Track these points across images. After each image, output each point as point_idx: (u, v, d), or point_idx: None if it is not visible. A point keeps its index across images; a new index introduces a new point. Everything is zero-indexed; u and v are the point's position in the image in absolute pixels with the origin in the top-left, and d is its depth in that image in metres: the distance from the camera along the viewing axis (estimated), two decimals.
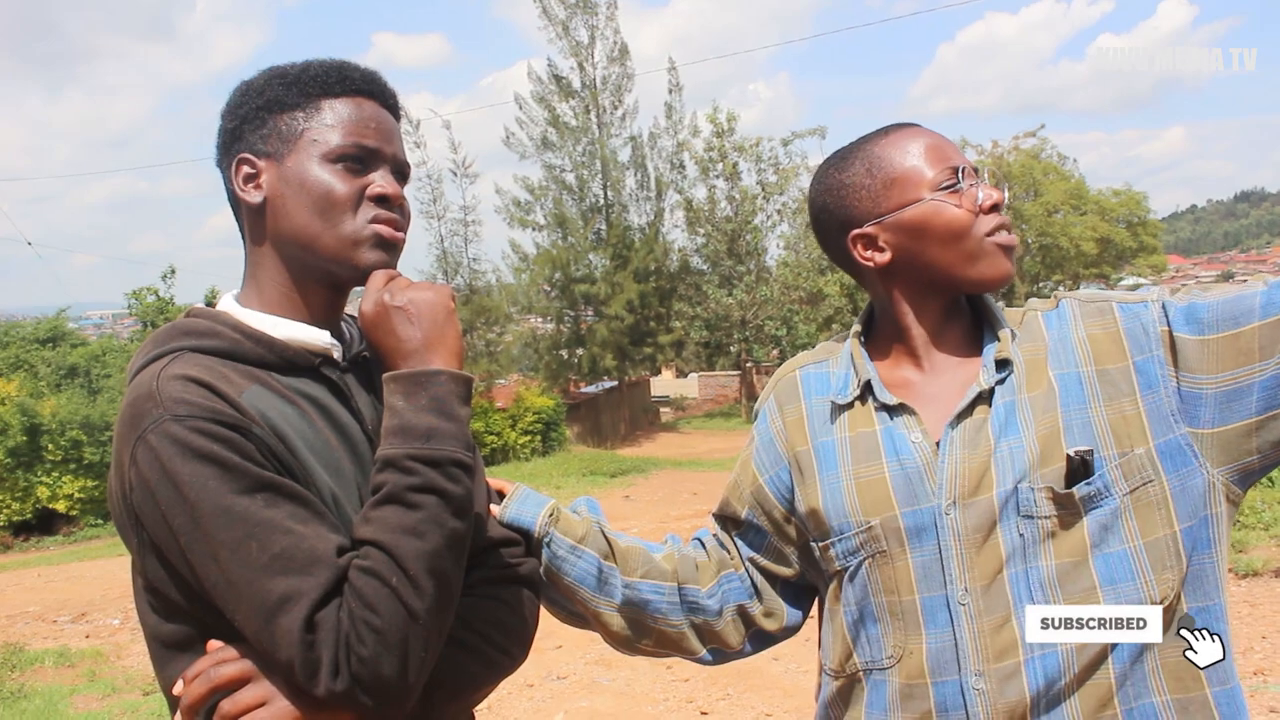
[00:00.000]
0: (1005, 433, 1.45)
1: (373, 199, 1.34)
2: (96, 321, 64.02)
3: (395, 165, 1.38)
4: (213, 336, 1.29)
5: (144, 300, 24.96)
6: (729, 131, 31.30)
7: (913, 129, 1.57)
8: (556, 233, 28.54)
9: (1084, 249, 31.84)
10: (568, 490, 15.13)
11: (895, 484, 1.51)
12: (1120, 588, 1.40)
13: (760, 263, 32.35)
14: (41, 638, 8.21)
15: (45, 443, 18.46)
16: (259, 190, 1.35)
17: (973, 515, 1.45)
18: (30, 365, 23.35)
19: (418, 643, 1.16)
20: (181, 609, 1.23)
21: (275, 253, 1.37)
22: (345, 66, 1.38)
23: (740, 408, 32.46)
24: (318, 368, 1.35)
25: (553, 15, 27.97)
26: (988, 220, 1.51)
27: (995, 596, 1.43)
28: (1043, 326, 1.53)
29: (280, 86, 1.35)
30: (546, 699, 5.74)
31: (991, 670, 1.43)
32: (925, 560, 1.48)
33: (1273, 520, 8.66)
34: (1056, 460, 1.42)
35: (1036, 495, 1.42)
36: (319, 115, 1.34)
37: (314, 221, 1.32)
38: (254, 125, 1.35)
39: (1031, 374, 1.48)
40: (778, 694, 5.58)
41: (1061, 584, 1.41)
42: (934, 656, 1.47)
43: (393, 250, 1.37)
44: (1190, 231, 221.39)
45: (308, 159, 1.33)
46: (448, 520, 1.21)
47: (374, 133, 1.36)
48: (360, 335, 1.46)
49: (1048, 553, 1.42)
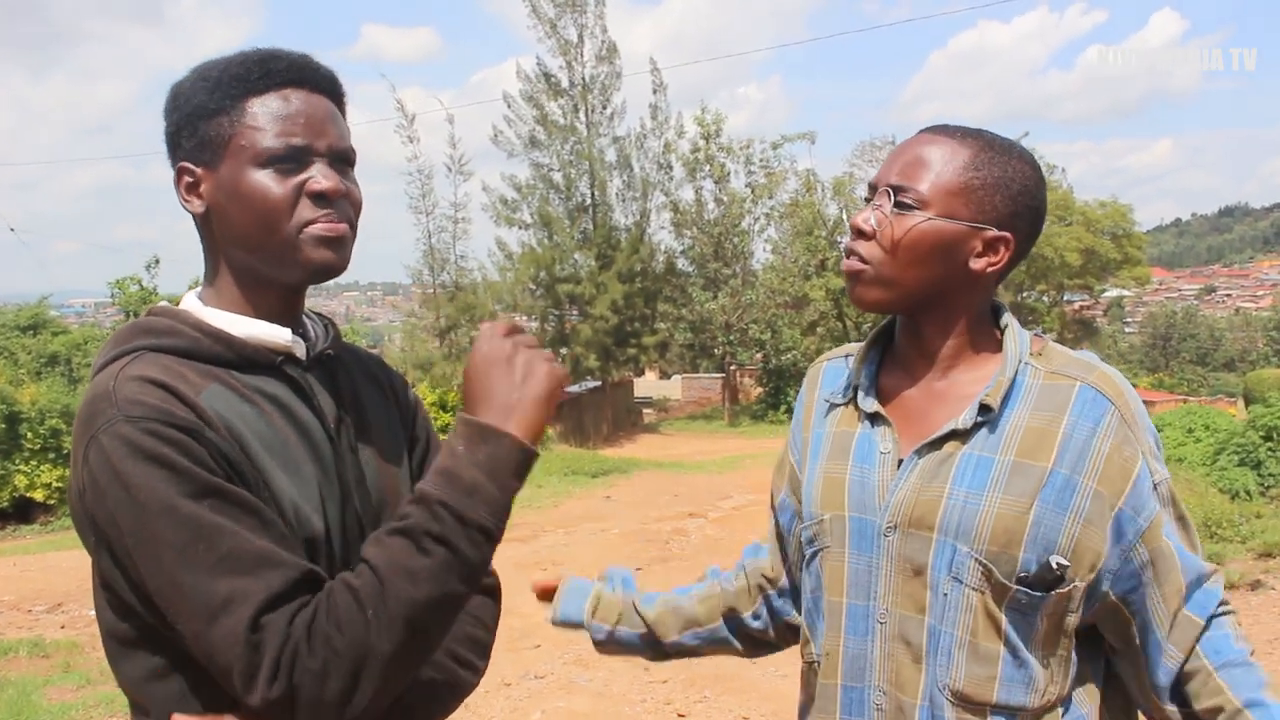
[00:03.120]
0: (969, 482, 1.43)
1: (310, 196, 1.28)
2: (79, 310, 63.53)
3: (334, 154, 1.32)
4: (172, 335, 1.28)
5: (127, 290, 24.77)
6: (715, 134, 31.32)
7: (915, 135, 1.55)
8: (542, 232, 28.52)
9: (1069, 260, 32.02)
10: (549, 489, 15.11)
11: (852, 486, 1.53)
12: (1014, 687, 1.42)
13: (746, 266, 32.38)
14: (16, 627, 8.14)
15: (24, 431, 18.30)
16: (200, 200, 1.31)
17: (910, 545, 1.46)
18: (10, 353, 23.18)
19: (369, 682, 1.11)
20: (134, 608, 1.21)
21: (224, 259, 1.34)
22: (268, 59, 1.31)
23: (723, 410, 32.44)
24: (279, 365, 1.33)
25: (541, 13, 27.98)
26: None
27: (911, 633, 1.46)
28: (1071, 402, 1.43)
29: (204, 91, 1.29)
30: (524, 698, 5.73)
31: (892, 693, 1.47)
32: (859, 568, 1.51)
33: (1249, 534, 8.73)
34: (1008, 546, 1.40)
35: (970, 564, 1.41)
36: (244, 118, 1.28)
37: (254, 229, 1.28)
38: (187, 134, 1.31)
39: (1029, 442, 1.42)
40: (755, 697, 5.58)
41: (967, 661, 1.42)
42: (849, 661, 1.51)
43: (339, 245, 1.31)
44: (1174, 245, 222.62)
45: (238, 166, 1.27)
46: (450, 580, 1.15)
47: (303, 128, 1.29)
48: (325, 333, 1.44)
49: (964, 624, 1.42)
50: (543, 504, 13.75)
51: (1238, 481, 12.24)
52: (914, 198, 1.45)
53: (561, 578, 1.89)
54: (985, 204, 1.45)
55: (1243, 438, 13.12)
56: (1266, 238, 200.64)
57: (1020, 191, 1.46)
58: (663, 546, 10.25)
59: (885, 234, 1.46)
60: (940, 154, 1.46)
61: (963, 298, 1.50)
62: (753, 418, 30.79)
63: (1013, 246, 1.47)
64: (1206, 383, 56.92)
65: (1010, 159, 1.46)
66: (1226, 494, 11.66)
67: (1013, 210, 1.46)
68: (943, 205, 1.44)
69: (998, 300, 1.58)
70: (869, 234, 1.48)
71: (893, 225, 1.46)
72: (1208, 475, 12.59)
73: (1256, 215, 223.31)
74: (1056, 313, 35.35)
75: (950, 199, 1.44)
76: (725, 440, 26.22)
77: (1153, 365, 64.28)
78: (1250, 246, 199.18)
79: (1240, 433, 13.39)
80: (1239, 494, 11.87)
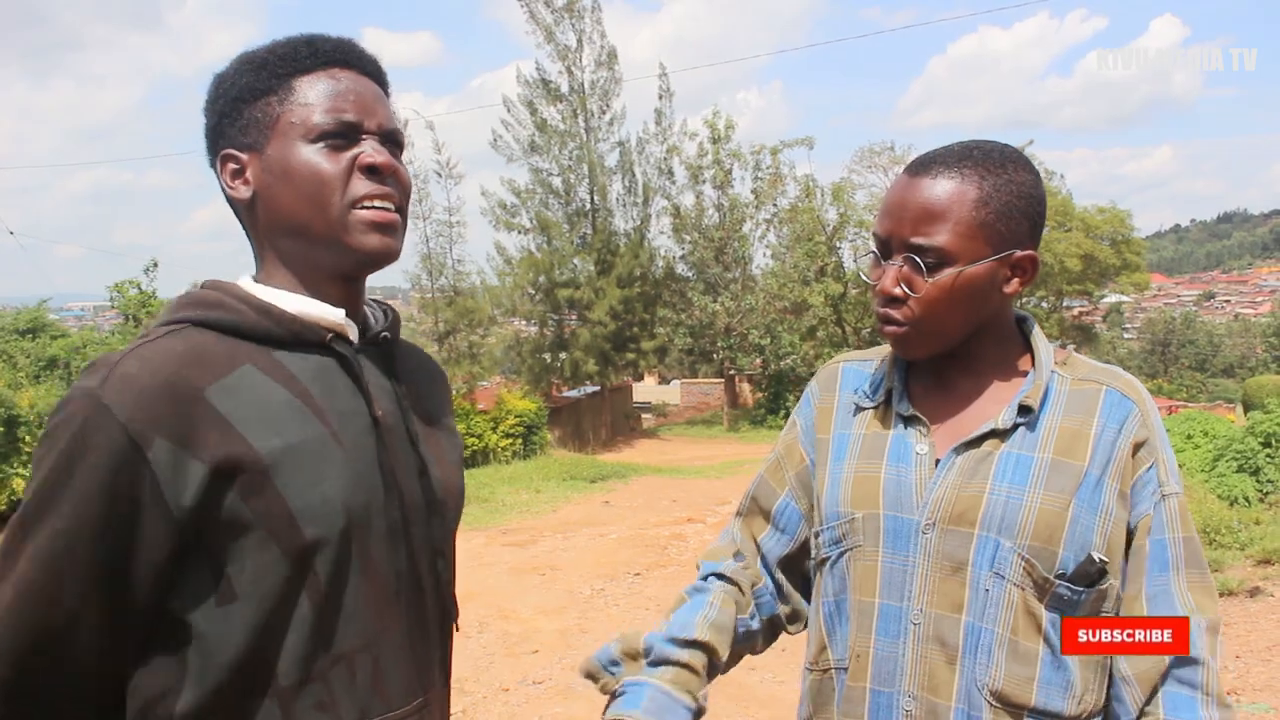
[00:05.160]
0: (1010, 478, 1.44)
1: (363, 169, 1.27)
2: (78, 313, 63.56)
3: (384, 135, 1.31)
4: (219, 308, 1.25)
5: (126, 293, 24.74)
6: (725, 138, 31.32)
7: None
8: (541, 236, 28.48)
9: (1068, 265, 31.97)
10: (547, 494, 15.08)
11: (887, 485, 1.53)
12: (1052, 691, 1.41)
13: (746, 271, 32.37)
14: None
15: (22, 434, 18.26)
16: (247, 185, 1.29)
17: (949, 543, 1.46)
18: (9, 356, 23.15)
19: None
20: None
21: (274, 248, 1.31)
22: (315, 39, 1.31)
23: (722, 416, 32.42)
24: (328, 343, 1.29)
25: (539, 18, 27.91)
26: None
27: (948, 632, 1.45)
28: (1099, 405, 1.47)
29: (250, 73, 1.29)
30: (522, 704, 5.72)
31: (923, 698, 1.46)
32: (894, 566, 1.50)
33: (1248, 540, 8.71)
34: (1050, 541, 1.41)
35: (1014, 559, 1.42)
36: (293, 95, 1.27)
37: (304, 207, 1.26)
38: (231, 119, 1.29)
39: (1065, 441, 1.45)
40: (754, 704, 5.57)
41: (1007, 660, 1.42)
42: (878, 664, 1.50)
43: (391, 231, 1.29)
44: (1173, 251, 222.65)
45: (287, 144, 1.26)
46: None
47: (354, 104, 1.28)
48: (385, 318, 1.41)
49: (1005, 621, 1.42)
50: (540, 509, 13.73)
51: (1236, 488, 12.22)
52: (936, 255, 1.44)
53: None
54: (1005, 232, 1.45)
55: (1241, 444, 13.10)
56: (1265, 244, 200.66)
57: (1029, 203, 1.47)
58: (661, 552, 10.24)
59: (920, 296, 1.46)
60: (947, 197, 1.44)
61: (997, 316, 1.53)
62: (752, 423, 30.75)
63: (1036, 257, 1.49)
64: (1205, 389, 56.85)
65: (1009, 174, 1.46)
66: (1225, 500, 11.64)
67: (1029, 225, 1.47)
68: (969, 253, 1.44)
69: (1021, 311, 1.60)
70: (902, 298, 1.47)
71: (925, 286, 1.45)
72: (1206, 482, 12.57)
73: (1255, 221, 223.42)
74: (1055, 318, 35.30)
75: (973, 244, 1.44)
76: (724, 445, 26.20)
77: (1151, 371, 64.21)
78: (1249, 253, 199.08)
79: (1239, 439, 13.37)
80: (1238, 500, 11.86)
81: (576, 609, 8.01)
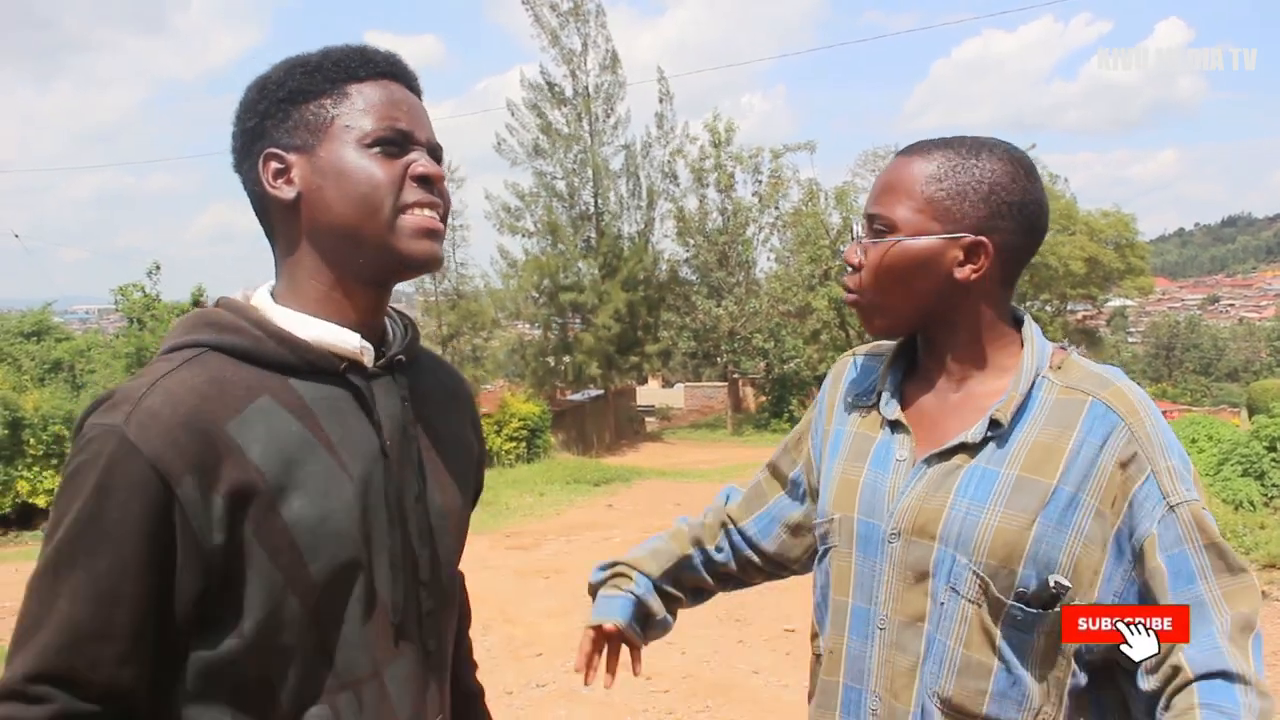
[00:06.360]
0: (972, 495, 1.42)
1: (415, 179, 1.27)
2: (82, 316, 63.76)
3: (430, 148, 1.32)
4: (235, 332, 1.24)
5: (130, 296, 24.83)
6: (726, 142, 31.36)
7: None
8: (546, 240, 28.55)
9: (1072, 269, 32.01)
10: (551, 498, 15.11)
11: (864, 490, 1.54)
12: (1006, 703, 1.40)
13: (750, 275, 32.40)
14: None
15: (27, 437, 18.34)
16: (291, 186, 1.27)
17: (912, 553, 1.46)
18: (14, 359, 23.23)
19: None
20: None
21: (314, 250, 1.29)
22: (367, 50, 1.32)
23: (726, 419, 32.45)
24: (342, 373, 1.28)
25: (544, 22, 28.03)
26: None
27: (909, 641, 1.46)
28: (1081, 417, 1.40)
29: (302, 75, 1.28)
30: (525, 706, 5.71)
31: (887, 700, 1.48)
32: (864, 570, 1.52)
33: (1253, 545, 8.70)
34: (1008, 561, 1.38)
35: (968, 576, 1.41)
36: (348, 101, 1.27)
37: (355, 210, 1.25)
38: (278, 119, 1.28)
39: (1035, 457, 1.40)
40: (757, 708, 5.57)
41: (959, 672, 1.42)
42: (850, 662, 1.53)
43: (438, 238, 1.30)
44: (1177, 255, 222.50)
45: (341, 147, 1.25)
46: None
47: (406, 115, 1.29)
48: (404, 335, 1.41)
49: (959, 635, 1.42)
50: (544, 512, 13.74)
51: (1241, 492, 12.19)
52: (884, 223, 1.48)
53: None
54: (955, 213, 1.44)
55: (1246, 448, 13.07)
56: (1270, 248, 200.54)
57: (992, 191, 1.44)
58: None
59: (866, 263, 1.50)
60: (908, 174, 1.47)
61: (962, 308, 1.49)
62: (756, 426, 30.79)
63: (994, 249, 1.44)
64: (1210, 393, 56.84)
65: (979, 160, 1.45)
66: (1230, 505, 11.62)
67: (987, 212, 1.44)
68: (911, 225, 1.45)
69: (1022, 310, 1.56)
70: (856, 265, 1.53)
71: (869, 253, 1.50)
72: (1211, 486, 12.54)
73: (1260, 225, 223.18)
74: (1060, 322, 35.32)
75: (917, 217, 1.45)
76: (728, 449, 26.21)
77: (1156, 375, 64.17)
78: (1253, 257, 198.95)
79: (1244, 443, 13.34)
80: (1242, 505, 11.84)
81: (580, 612, 7.98)
